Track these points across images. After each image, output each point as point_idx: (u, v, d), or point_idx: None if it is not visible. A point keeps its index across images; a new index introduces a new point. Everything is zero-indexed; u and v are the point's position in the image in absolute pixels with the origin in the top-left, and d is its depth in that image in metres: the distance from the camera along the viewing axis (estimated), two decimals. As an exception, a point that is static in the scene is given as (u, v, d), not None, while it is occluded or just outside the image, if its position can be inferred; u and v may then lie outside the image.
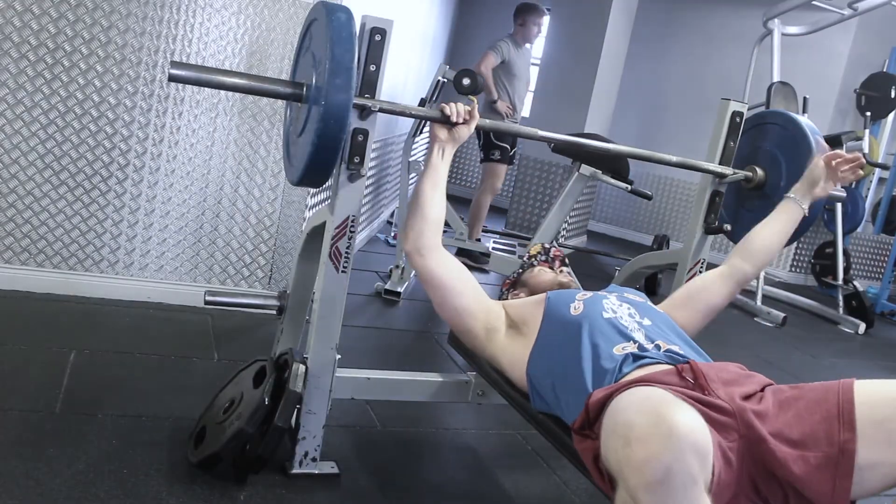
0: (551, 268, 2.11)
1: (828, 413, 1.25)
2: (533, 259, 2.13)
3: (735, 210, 2.33)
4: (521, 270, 2.11)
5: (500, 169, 4.79)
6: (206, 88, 2.91)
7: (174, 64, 1.60)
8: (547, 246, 2.18)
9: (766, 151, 2.22)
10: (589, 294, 1.73)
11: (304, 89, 1.69)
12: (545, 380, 1.62)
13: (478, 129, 1.88)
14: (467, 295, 1.77)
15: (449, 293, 1.76)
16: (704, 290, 1.85)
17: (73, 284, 2.90)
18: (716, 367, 1.41)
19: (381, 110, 1.77)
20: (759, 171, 2.21)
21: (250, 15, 2.93)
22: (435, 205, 1.79)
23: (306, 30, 1.78)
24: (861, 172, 1.90)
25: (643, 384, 1.30)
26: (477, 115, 1.83)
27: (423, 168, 1.85)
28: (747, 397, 1.33)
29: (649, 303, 1.76)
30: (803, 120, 2.17)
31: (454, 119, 1.79)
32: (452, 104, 1.81)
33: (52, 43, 2.71)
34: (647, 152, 2.16)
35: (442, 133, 1.81)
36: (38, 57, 2.71)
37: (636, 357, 1.48)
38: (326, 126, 1.55)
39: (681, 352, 1.53)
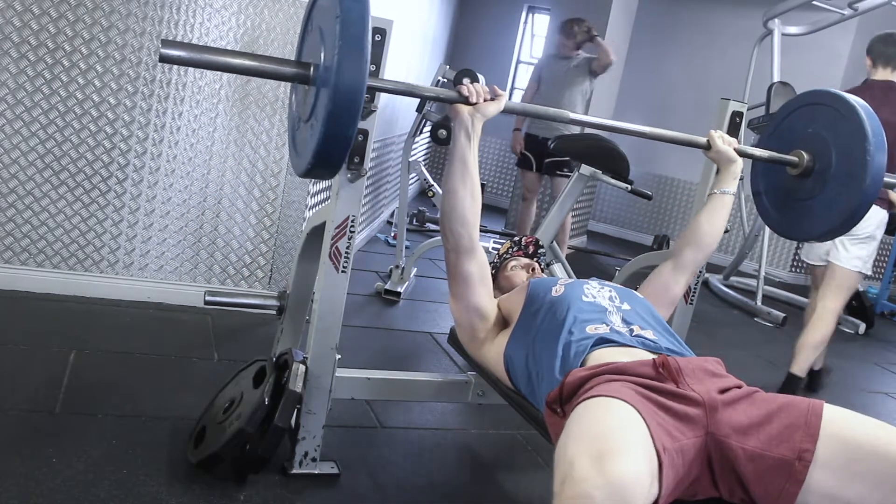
0: (526, 254, 2.11)
1: (794, 420, 1.27)
2: (504, 255, 2.14)
3: (783, 199, 2.14)
4: (493, 272, 2.09)
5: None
6: (204, 87, 2.92)
7: (165, 43, 1.40)
8: (516, 238, 2.19)
9: (813, 134, 2.03)
10: (571, 280, 1.78)
11: (312, 69, 1.51)
12: (520, 355, 1.65)
13: (507, 110, 1.71)
14: (484, 296, 1.78)
15: (472, 291, 1.76)
16: (667, 285, 1.88)
17: (73, 284, 2.90)
18: (694, 362, 1.42)
19: (392, 90, 1.67)
20: (806, 156, 2.02)
21: (250, 15, 2.93)
22: (470, 201, 1.67)
23: (312, 6, 1.63)
24: (730, 144, 1.97)
25: (615, 381, 1.31)
26: (503, 93, 1.69)
27: (449, 160, 1.68)
28: (724, 391, 1.35)
29: (634, 292, 1.78)
30: (854, 98, 1.97)
31: (473, 100, 1.65)
32: (470, 84, 1.68)
33: (52, 43, 2.71)
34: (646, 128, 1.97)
35: (464, 110, 1.65)
36: (38, 57, 2.71)
37: (604, 340, 1.51)
38: (338, 109, 1.37)
39: (653, 337, 1.55)
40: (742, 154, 2.00)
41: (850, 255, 3.13)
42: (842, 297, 3.20)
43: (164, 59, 1.40)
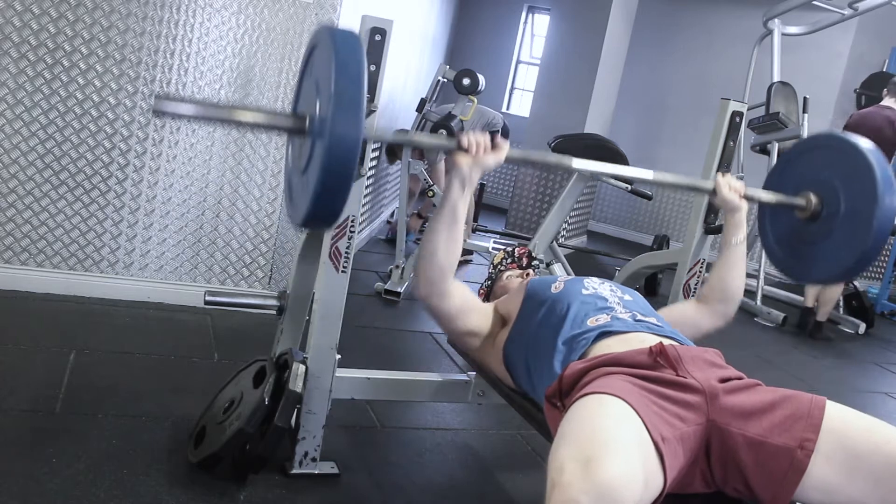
0: (520, 266, 2.12)
1: (796, 411, 1.27)
2: (499, 266, 2.13)
3: (793, 244, 2.06)
4: (490, 283, 2.10)
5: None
6: (205, 87, 2.92)
7: (159, 98, 1.36)
8: (509, 250, 2.18)
9: (823, 178, 1.94)
10: (571, 277, 1.78)
11: (308, 122, 1.46)
12: (520, 353, 1.65)
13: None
14: (473, 318, 1.75)
15: (457, 322, 1.73)
16: (693, 319, 1.83)
17: (73, 284, 2.90)
18: (694, 351, 1.42)
19: (391, 141, 1.69)
20: (814, 198, 1.93)
21: (250, 15, 2.93)
22: (450, 250, 1.61)
23: (308, 56, 1.59)
24: (737, 191, 1.88)
25: (610, 375, 1.31)
26: (503, 144, 1.61)
27: (439, 206, 1.62)
28: (724, 380, 1.35)
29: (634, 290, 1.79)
30: (861, 140, 1.90)
31: (473, 152, 1.57)
32: (471, 135, 1.59)
33: (52, 43, 2.71)
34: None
35: (464, 162, 1.57)
36: (38, 57, 2.71)
37: (606, 332, 1.50)
38: (333, 164, 1.33)
39: (658, 323, 1.56)
40: (750, 198, 1.93)
41: None
42: None
43: (158, 114, 1.37)
